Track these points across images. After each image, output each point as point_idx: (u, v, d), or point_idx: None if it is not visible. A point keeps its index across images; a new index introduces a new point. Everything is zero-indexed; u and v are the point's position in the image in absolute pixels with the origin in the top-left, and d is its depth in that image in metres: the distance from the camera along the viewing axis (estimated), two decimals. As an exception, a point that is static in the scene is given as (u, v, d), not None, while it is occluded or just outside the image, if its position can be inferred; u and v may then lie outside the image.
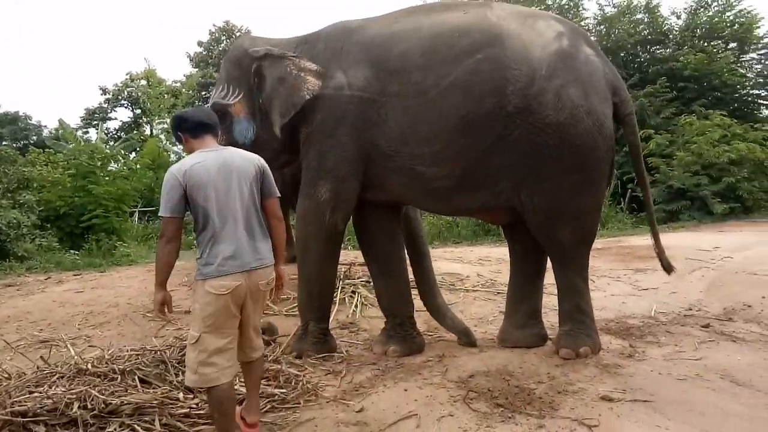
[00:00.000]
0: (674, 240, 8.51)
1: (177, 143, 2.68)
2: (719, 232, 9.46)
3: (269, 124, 3.78)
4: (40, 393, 2.76)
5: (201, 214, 2.46)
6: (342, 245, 4.08)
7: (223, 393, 2.44)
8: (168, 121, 22.98)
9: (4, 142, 19.30)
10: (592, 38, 3.79)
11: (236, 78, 3.90)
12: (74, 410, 2.62)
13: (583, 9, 17.86)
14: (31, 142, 22.15)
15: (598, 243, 8.66)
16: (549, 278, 3.89)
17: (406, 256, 4.11)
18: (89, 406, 2.66)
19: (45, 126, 25.26)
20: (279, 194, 2.70)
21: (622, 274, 6.38)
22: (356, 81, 3.60)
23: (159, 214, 2.47)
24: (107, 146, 15.44)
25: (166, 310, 2.51)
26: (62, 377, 2.98)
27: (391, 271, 4.00)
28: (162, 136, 21.18)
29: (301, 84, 3.64)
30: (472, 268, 6.57)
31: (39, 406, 2.65)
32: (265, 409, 2.92)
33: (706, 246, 7.43)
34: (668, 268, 3.91)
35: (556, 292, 3.80)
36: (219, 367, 2.42)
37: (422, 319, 4.52)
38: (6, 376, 3.11)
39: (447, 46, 3.45)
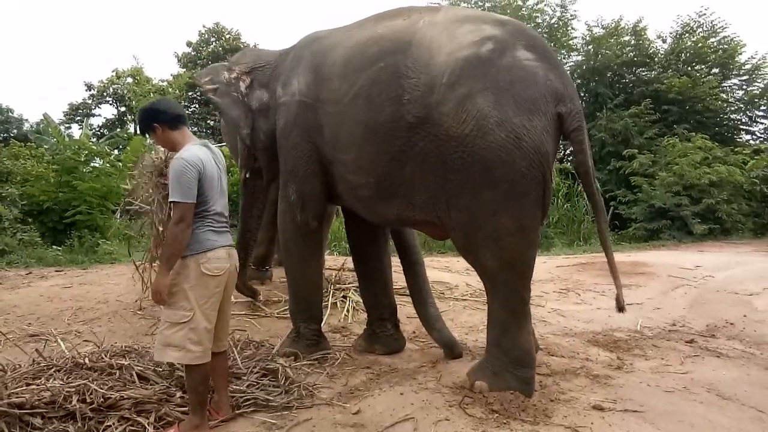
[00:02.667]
0: (656, 258, 8.70)
1: (148, 131, 2.63)
2: (699, 252, 9.67)
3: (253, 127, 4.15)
4: (38, 386, 2.75)
5: (202, 203, 2.67)
6: (325, 246, 4.18)
7: (205, 371, 2.67)
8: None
9: (-15, 135, 18.97)
10: (540, 41, 3.25)
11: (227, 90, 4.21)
12: (73, 403, 2.62)
13: (572, 29, 18.17)
14: (12, 135, 21.80)
15: (582, 258, 8.88)
16: (534, 291, 3.91)
17: (389, 260, 4.22)
18: (88, 400, 2.67)
19: (26, 119, 24.88)
20: None
21: (607, 288, 6.47)
22: (302, 87, 3.75)
23: (178, 200, 2.56)
24: (91, 142, 15.26)
25: (163, 297, 2.61)
26: (59, 371, 2.97)
27: (370, 273, 4.16)
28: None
29: (239, 121, 4.08)
30: (461, 278, 6.62)
31: (37, 398, 2.65)
32: (259, 410, 2.95)
33: (688, 264, 7.59)
34: (621, 307, 3.26)
35: (540, 303, 3.84)
36: (206, 347, 2.64)
37: (414, 325, 4.57)
38: (1, 368, 3.07)
39: (359, 55, 3.49)
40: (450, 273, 6.94)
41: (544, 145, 2.95)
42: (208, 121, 22.79)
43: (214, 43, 25.41)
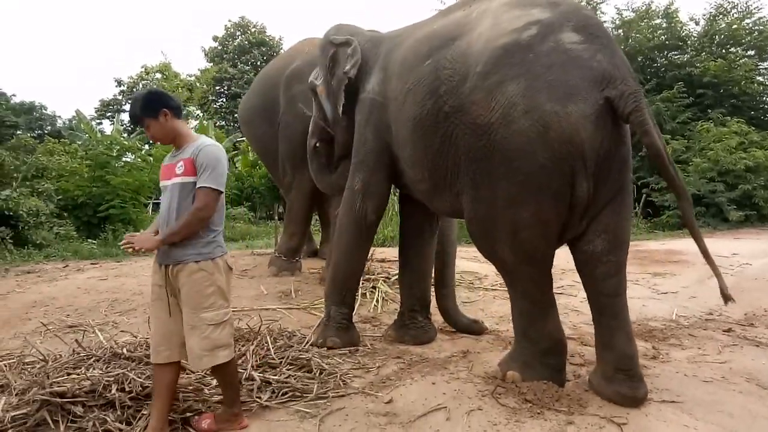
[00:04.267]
0: (691, 245, 8.49)
1: (149, 117, 2.53)
2: (736, 239, 9.44)
3: (335, 104, 4.16)
4: (78, 375, 2.81)
5: (222, 198, 2.67)
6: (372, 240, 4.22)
7: (236, 362, 2.75)
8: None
9: (19, 132, 19.42)
10: (593, 21, 3.05)
11: (322, 64, 4.28)
12: (112, 392, 2.67)
13: (602, 13, 17.80)
14: (46, 131, 22.33)
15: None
16: (565, 280, 3.89)
17: (431, 253, 4.24)
18: (127, 389, 2.72)
19: (59, 116, 25.46)
20: None
21: (640, 277, 6.38)
22: (375, 85, 3.88)
23: (214, 187, 2.54)
24: (123, 137, 15.56)
25: (136, 249, 2.49)
26: (98, 360, 3.03)
27: (409, 262, 4.21)
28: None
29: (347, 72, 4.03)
30: (489, 267, 6.54)
31: (77, 387, 2.70)
32: (294, 399, 2.98)
33: (724, 252, 7.42)
34: (727, 296, 2.90)
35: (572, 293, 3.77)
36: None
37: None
38: (42, 358, 3.16)
39: (413, 54, 3.57)
40: (479, 263, 6.89)
41: (578, 134, 2.74)
42: (236, 115, 23.01)
43: (239, 37, 25.63)
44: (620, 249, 3.03)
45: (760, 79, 15.98)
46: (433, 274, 4.32)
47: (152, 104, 2.57)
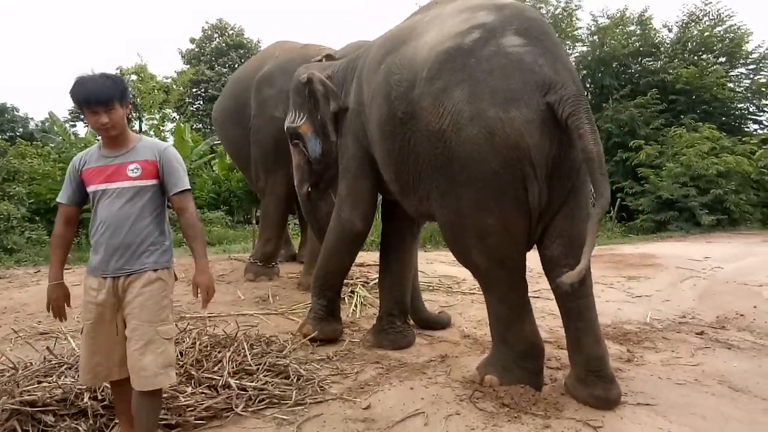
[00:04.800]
0: (664, 249, 8.67)
1: (120, 100, 2.21)
2: (708, 243, 9.62)
3: (328, 136, 4.12)
4: (49, 383, 2.76)
5: None
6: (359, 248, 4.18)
7: None
8: (158, 116, 22.82)
9: (-10, 134, 19.04)
10: (536, 24, 3.00)
11: (299, 104, 4.26)
12: (84, 401, 2.62)
13: (577, 19, 18.06)
14: (18, 134, 21.86)
15: (589, 250, 8.84)
16: (542, 284, 3.88)
17: (412, 258, 4.28)
18: (99, 397, 2.67)
19: (32, 118, 24.94)
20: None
21: (615, 281, 6.46)
22: (352, 95, 3.91)
23: (189, 188, 2.43)
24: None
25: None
26: (70, 368, 2.97)
27: (389, 266, 4.21)
28: (152, 132, 21.00)
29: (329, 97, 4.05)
30: (467, 272, 6.60)
31: (48, 396, 2.65)
32: (270, 406, 2.96)
33: (696, 256, 7.57)
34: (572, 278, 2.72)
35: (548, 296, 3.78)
36: None
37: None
38: (12, 366, 3.08)
39: (374, 59, 3.63)
40: (457, 267, 6.90)
41: (524, 139, 2.72)
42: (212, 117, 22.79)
43: (217, 39, 25.44)
44: (575, 251, 2.88)
45: (731, 85, 16.33)
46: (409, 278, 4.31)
47: (125, 88, 2.31)
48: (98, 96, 2.23)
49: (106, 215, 2.29)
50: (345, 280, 5.47)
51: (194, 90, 24.54)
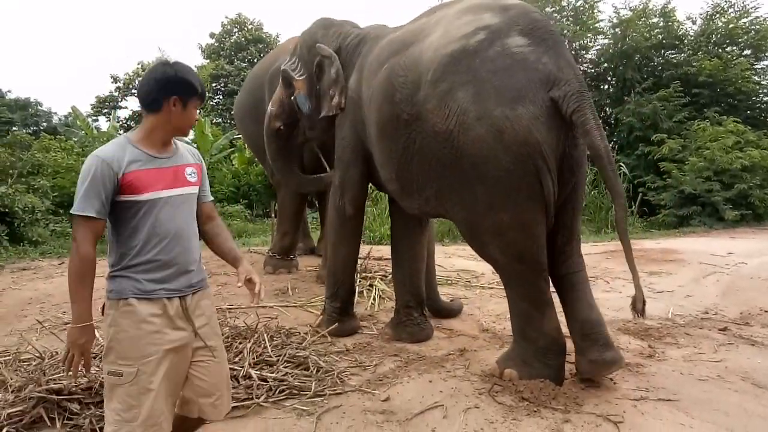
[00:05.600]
0: (687, 244, 8.55)
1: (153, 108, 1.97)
2: (731, 238, 9.47)
3: (319, 107, 4.26)
4: (75, 372, 2.80)
5: None
6: (361, 235, 4.37)
7: None
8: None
9: (14, 128, 19.32)
10: (541, 24, 3.04)
11: (305, 61, 4.38)
12: (109, 389, 2.66)
13: (599, 12, 17.78)
14: (42, 128, 22.17)
15: (610, 245, 8.75)
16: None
17: (423, 250, 4.29)
18: (123, 386, 2.70)
19: (55, 113, 25.30)
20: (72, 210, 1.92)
21: (636, 276, 6.38)
22: (353, 83, 3.99)
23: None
24: (119, 134, 15.53)
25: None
26: (95, 357, 3.01)
27: (401, 259, 4.24)
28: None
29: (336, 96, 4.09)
30: (486, 266, 6.54)
31: (74, 384, 2.70)
32: (291, 397, 2.99)
33: (719, 251, 7.45)
34: (639, 310, 3.04)
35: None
36: None
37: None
38: (38, 355, 3.15)
39: (376, 59, 3.72)
40: (476, 261, 6.89)
41: (533, 135, 2.78)
42: (232, 112, 22.98)
43: (236, 34, 25.53)
44: (575, 240, 3.26)
45: (756, 78, 15.97)
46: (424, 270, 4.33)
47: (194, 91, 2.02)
48: (202, 95, 2.03)
49: (172, 226, 1.96)
50: (364, 274, 5.55)
51: (214, 85, 24.68)
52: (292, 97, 4.43)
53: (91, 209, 1.83)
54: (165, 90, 1.93)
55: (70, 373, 1.92)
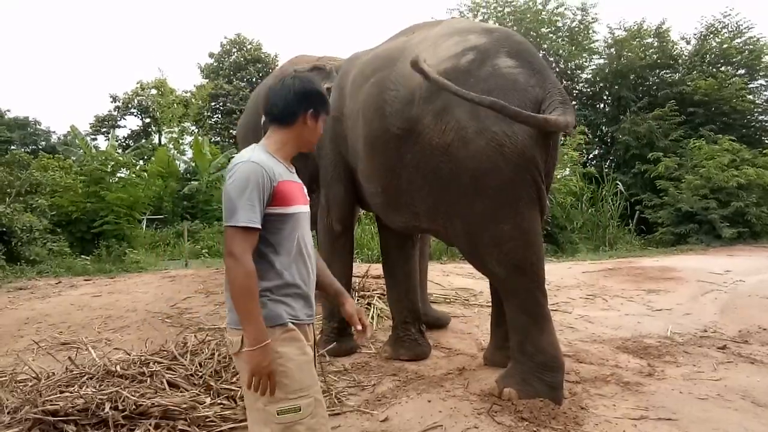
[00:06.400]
0: (685, 262, 8.55)
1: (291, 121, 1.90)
2: (729, 256, 9.47)
3: None
4: (71, 393, 2.80)
5: None
6: (352, 253, 4.39)
7: None
8: (177, 130, 23.10)
9: (13, 147, 19.38)
10: (525, 47, 3.19)
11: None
12: (105, 410, 2.65)
13: (594, 32, 18.01)
14: (40, 147, 22.26)
15: (608, 263, 8.76)
16: (560, 297, 3.90)
17: (416, 265, 4.31)
18: (120, 407, 2.69)
19: (54, 132, 25.40)
20: (228, 222, 1.73)
21: (634, 294, 6.39)
22: (332, 102, 3.95)
23: None
24: (117, 153, 15.57)
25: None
26: (91, 378, 3.01)
27: (395, 276, 4.23)
28: (171, 145, 21.29)
29: None
30: (484, 284, 6.56)
31: (70, 405, 2.68)
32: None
33: (717, 269, 7.45)
34: None
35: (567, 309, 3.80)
36: None
37: (438, 332, 4.55)
38: (34, 375, 3.13)
39: (360, 74, 3.77)
40: (474, 279, 6.89)
41: (529, 150, 2.94)
42: (231, 131, 23.08)
43: (235, 54, 25.76)
44: None
45: (751, 97, 16.13)
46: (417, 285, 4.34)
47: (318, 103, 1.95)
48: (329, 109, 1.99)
49: (307, 243, 1.87)
50: (362, 293, 5.53)
51: (213, 104, 24.87)
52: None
53: (252, 219, 1.70)
54: (304, 103, 1.87)
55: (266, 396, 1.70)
